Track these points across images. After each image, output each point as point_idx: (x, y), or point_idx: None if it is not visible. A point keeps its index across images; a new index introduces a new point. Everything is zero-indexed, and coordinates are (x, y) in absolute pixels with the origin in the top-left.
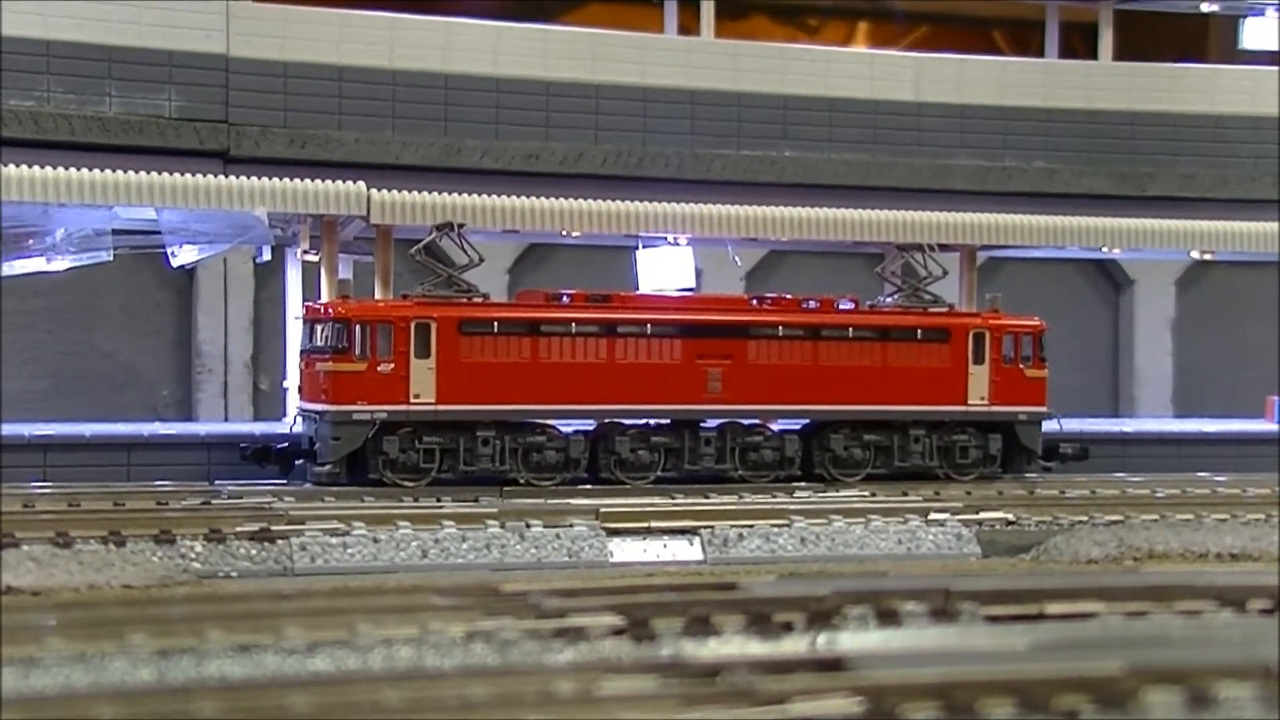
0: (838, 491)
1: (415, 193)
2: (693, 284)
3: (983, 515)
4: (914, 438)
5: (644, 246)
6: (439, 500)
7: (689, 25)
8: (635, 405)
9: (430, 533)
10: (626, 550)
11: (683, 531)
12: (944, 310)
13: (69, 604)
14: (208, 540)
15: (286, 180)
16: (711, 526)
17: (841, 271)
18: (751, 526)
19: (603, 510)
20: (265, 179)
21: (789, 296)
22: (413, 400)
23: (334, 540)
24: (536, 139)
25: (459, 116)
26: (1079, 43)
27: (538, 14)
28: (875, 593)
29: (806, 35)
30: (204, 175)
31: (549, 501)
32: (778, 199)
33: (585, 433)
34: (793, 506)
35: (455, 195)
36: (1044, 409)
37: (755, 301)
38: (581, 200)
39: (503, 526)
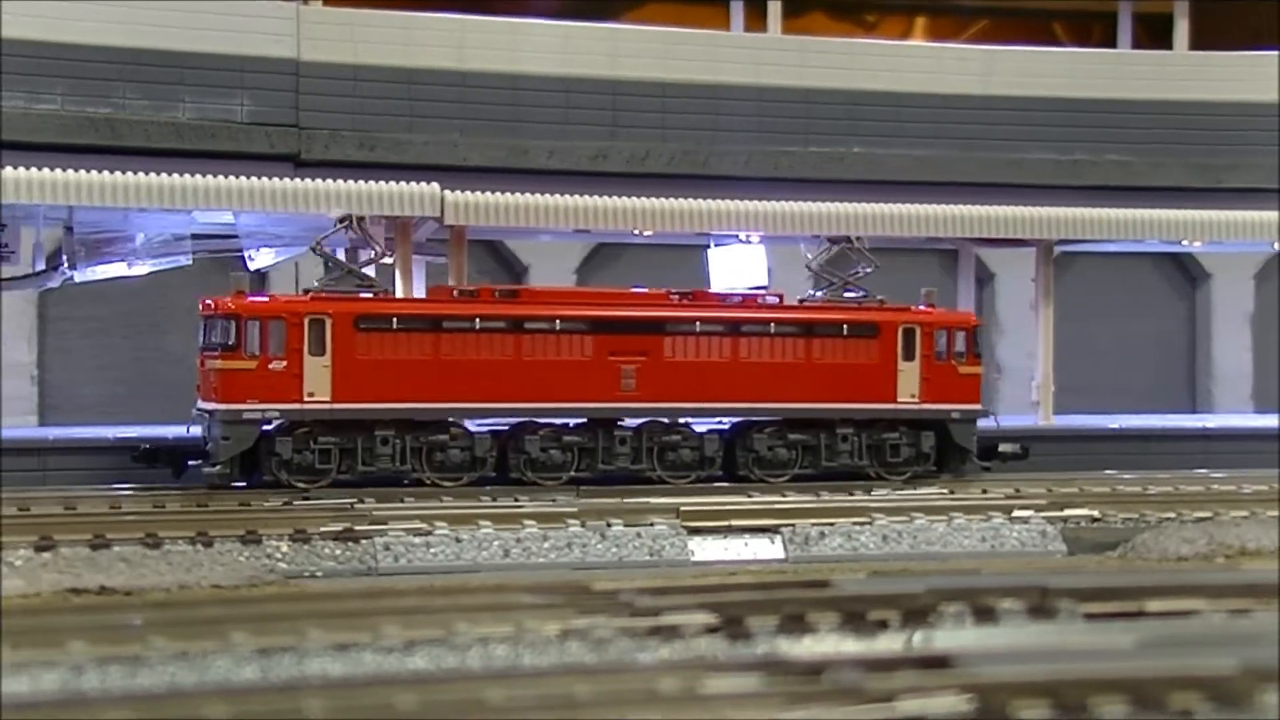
0: (915, 489)
1: (488, 193)
2: (765, 282)
3: (1067, 512)
4: (842, 436)
5: (715, 245)
6: (517, 500)
7: (752, 22)
8: (544, 404)
9: (512, 532)
10: (707, 549)
11: (763, 530)
12: (872, 305)
13: (164, 603)
14: (293, 540)
15: (362, 182)
16: (792, 525)
17: (911, 268)
18: (832, 524)
19: (683, 509)
20: (341, 181)
21: (708, 291)
22: (307, 399)
23: (417, 540)
24: (603, 139)
25: (526, 117)
26: (1143, 33)
27: (601, 13)
28: (971, 590)
29: (864, 31)
30: (279, 179)
31: (629, 500)
32: (845, 195)
33: (495, 431)
34: (874, 504)
35: (527, 195)
36: (977, 407)
37: (676, 296)
38: (651, 199)
39: (583, 525)
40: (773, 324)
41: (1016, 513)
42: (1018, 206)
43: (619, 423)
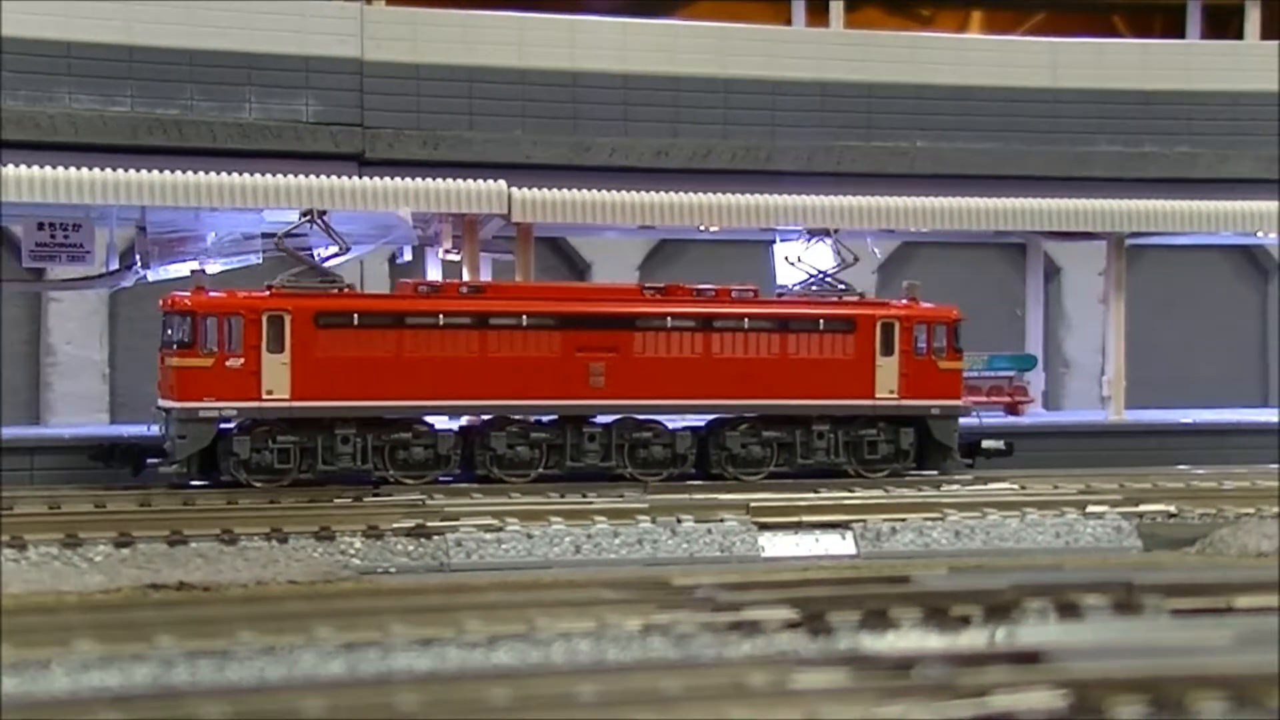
0: (986, 485)
1: (555, 190)
2: None
3: (1143, 508)
4: (818, 434)
5: (781, 240)
6: (585, 495)
7: (811, 17)
8: (510, 401)
9: (583, 528)
10: (778, 545)
11: (834, 525)
12: (850, 300)
13: (242, 599)
14: (366, 537)
15: (429, 180)
16: (863, 520)
17: (976, 263)
18: (904, 520)
19: (753, 505)
20: (409, 179)
21: (684, 285)
22: (265, 397)
23: (488, 536)
24: (665, 135)
25: (587, 114)
26: (1205, 24)
27: (660, 9)
28: (1054, 586)
29: (919, 25)
30: (347, 177)
31: (699, 496)
32: (909, 190)
33: (463, 428)
34: (945, 500)
35: (593, 191)
36: (959, 403)
37: (648, 291)
38: (721, 194)
39: (654, 522)
40: (746, 319)
41: (1091, 508)
42: (1088, 199)
43: (589, 419)
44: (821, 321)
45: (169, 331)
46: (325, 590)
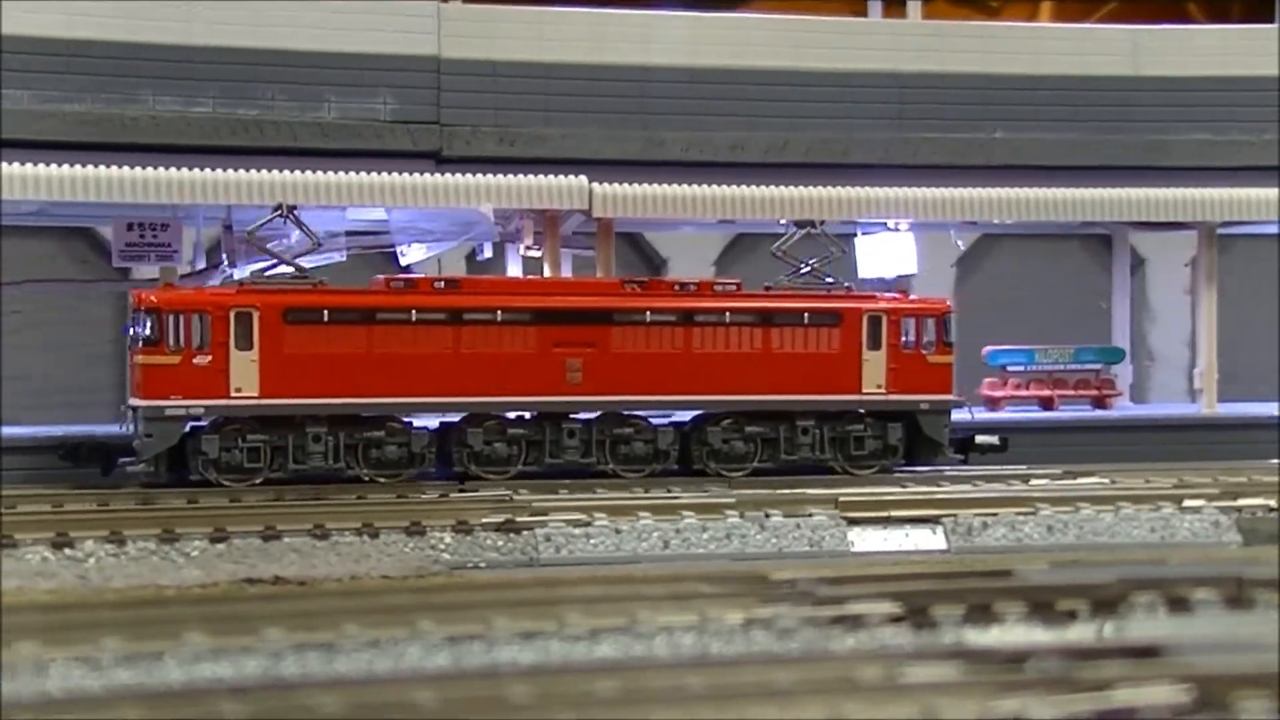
0: (1075, 479)
1: (636, 185)
2: (914, 270)
3: (1241, 502)
4: (802, 429)
5: (862, 233)
6: (669, 490)
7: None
8: (484, 397)
9: (671, 523)
10: (867, 539)
11: (924, 520)
12: (836, 292)
13: (339, 593)
14: (455, 532)
15: (511, 176)
16: (954, 515)
17: (1057, 255)
18: (995, 515)
19: (842, 499)
20: (491, 175)
21: (666, 280)
22: (233, 394)
23: (577, 531)
24: (739, 129)
25: (661, 109)
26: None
27: (732, 3)
28: (1162, 580)
29: (986, 16)
30: (429, 175)
31: (786, 491)
32: (986, 181)
33: (441, 424)
34: (1037, 494)
35: (675, 186)
36: (949, 397)
37: (627, 285)
38: (807, 187)
39: (742, 516)
40: (728, 313)
41: (1187, 503)
42: (1177, 188)
43: (570, 415)
44: (805, 315)
45: (136, 329)
46: (419, 585)
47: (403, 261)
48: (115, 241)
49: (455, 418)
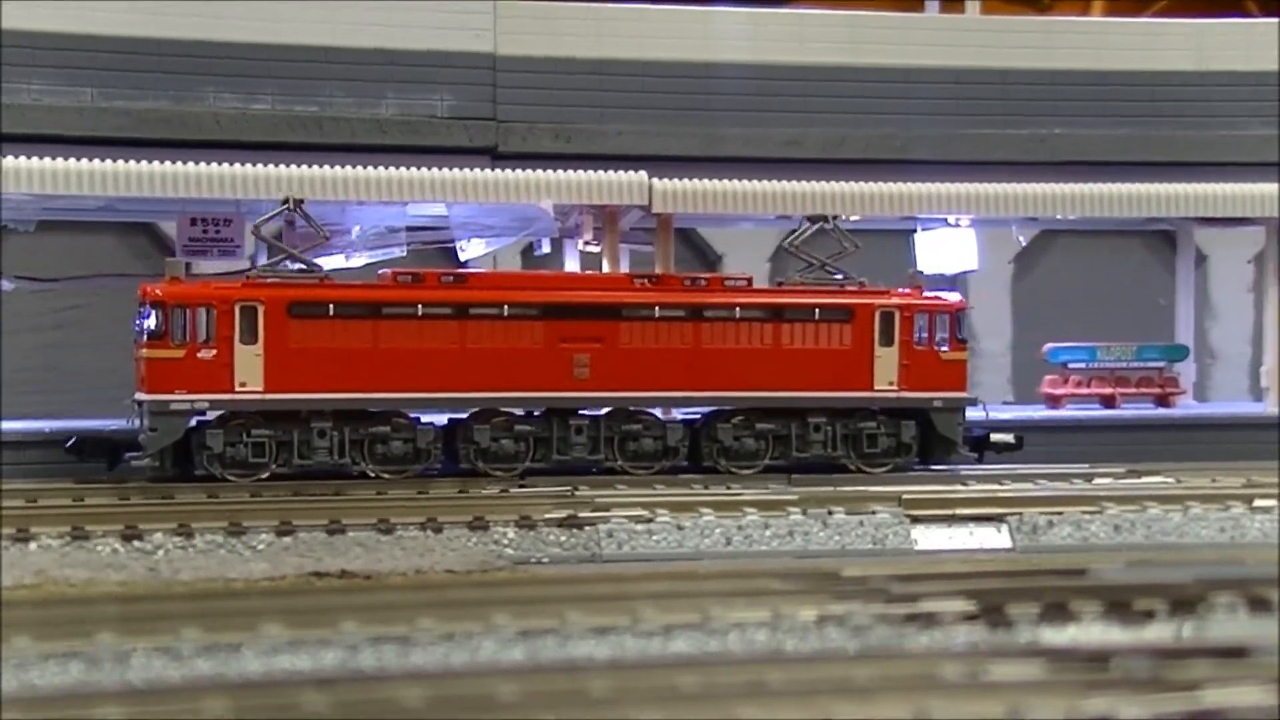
0: (1139, 478)
1: (696, 180)
2: (975, 266)
3: None
4: (814, 426)
5: (923, 229)
6: (729, 487)
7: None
8: (491, 393)
9: (733, 519)
10: (931, 537)
11: (988, 519)
12: (849, 288)
13: (406, 587)
14: (518, 527)
15: (570, 172)
16: (1019, 513)
17: (1118, 251)
18: (1061, 514)
19: (905, 497)
20: (551, 171)
21: (676, 275)
22: (238, 389)
23: (639, 527)
24: (796, 125)
25: (718, 105)
26: None
27: None
28: (1242, 580)
29: (1038, 13)
30: (490, 170)
31: (848, 489)
32: (1046, 177)
33: (450, 420)
34: (1103, 493)
35: (735, 181)
36: (963, 395)
37: (636, 280)
38: (869, 183)
39: (804, 514)
40: (738, 308)
41: (1258, 502)
42: (1243, 184)
43: (578, 411)
44: (817, 311)
45: (142, 322)
46: (484, 579)
47: (462, 257)
48: (179, 236)
49: (463, 414)
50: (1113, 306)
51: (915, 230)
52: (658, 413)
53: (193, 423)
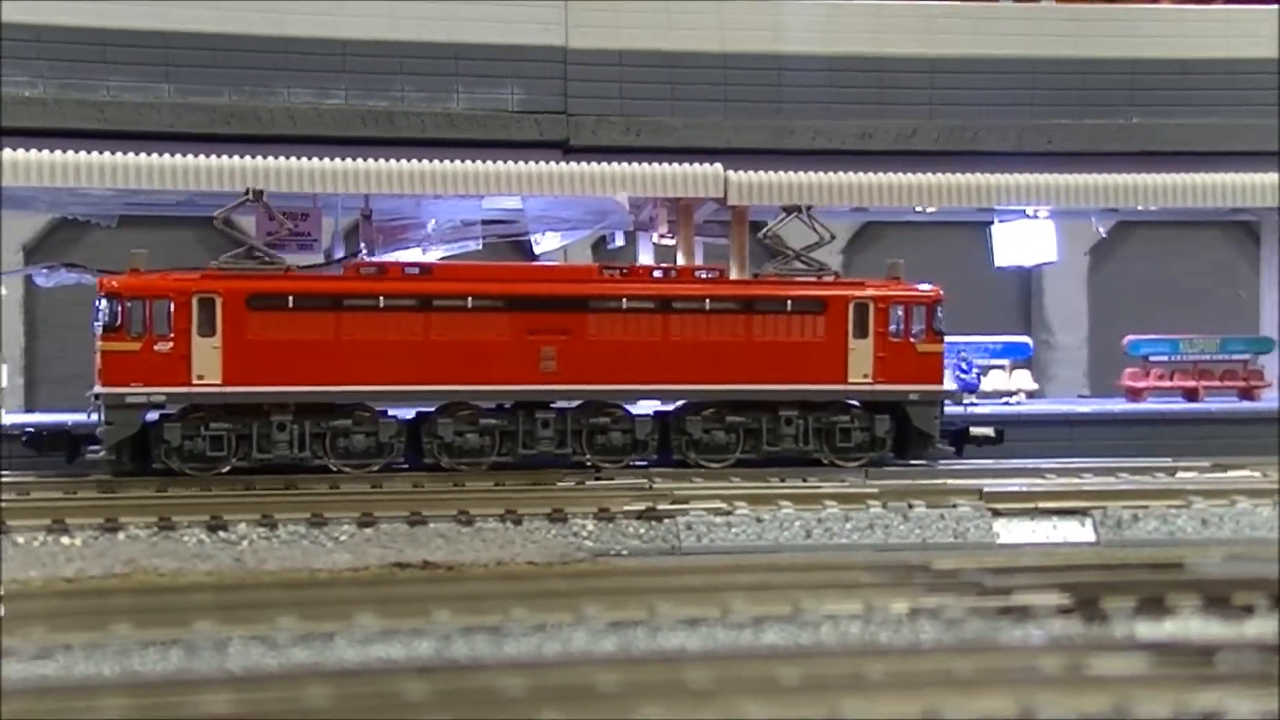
0: (1224, 472)
1: (770, 173)
2: (1054, 258)
3: None
4: (786, 419)
5: (1000, 221)
6: (806, 479)
7: None
8: (455, 386)
9: (813, 513)
10: (1013, 531)
11: (1072, 512)
12: (823, 279)
13: (487, 577)
14: (597, 519)
15: (646, 164)
16: (1103, 507)
17: (1194, 243)
18: (1146, 507)
19: (987, 490)
20: (626, 164)
21: (645, 266)
22: (195, 382)
23: (718, 520)
24: (869, 117)
25: (790, 97)
26: None
27: None
28: None
29: (1114, 2)
30: (566, 163)
31: (927, 482)
32: (1123, 167)
33: (419, 414)
34: (1189, 487)
35: (810, 174)
36: (940, 387)
37: (606, 272)
38: (933, 174)
39: (884, 507)
40: (708, 300)
41: None
42: None
43: (549, 404)
44: (789, 302)
45: (99, 315)
46: (564, 571)
47: (536, 250)
48: (257, 230)
49: (430, 407)
50: (1191, 299)
51: (992, 222)
52: (628, 406)
53: (154, 416)
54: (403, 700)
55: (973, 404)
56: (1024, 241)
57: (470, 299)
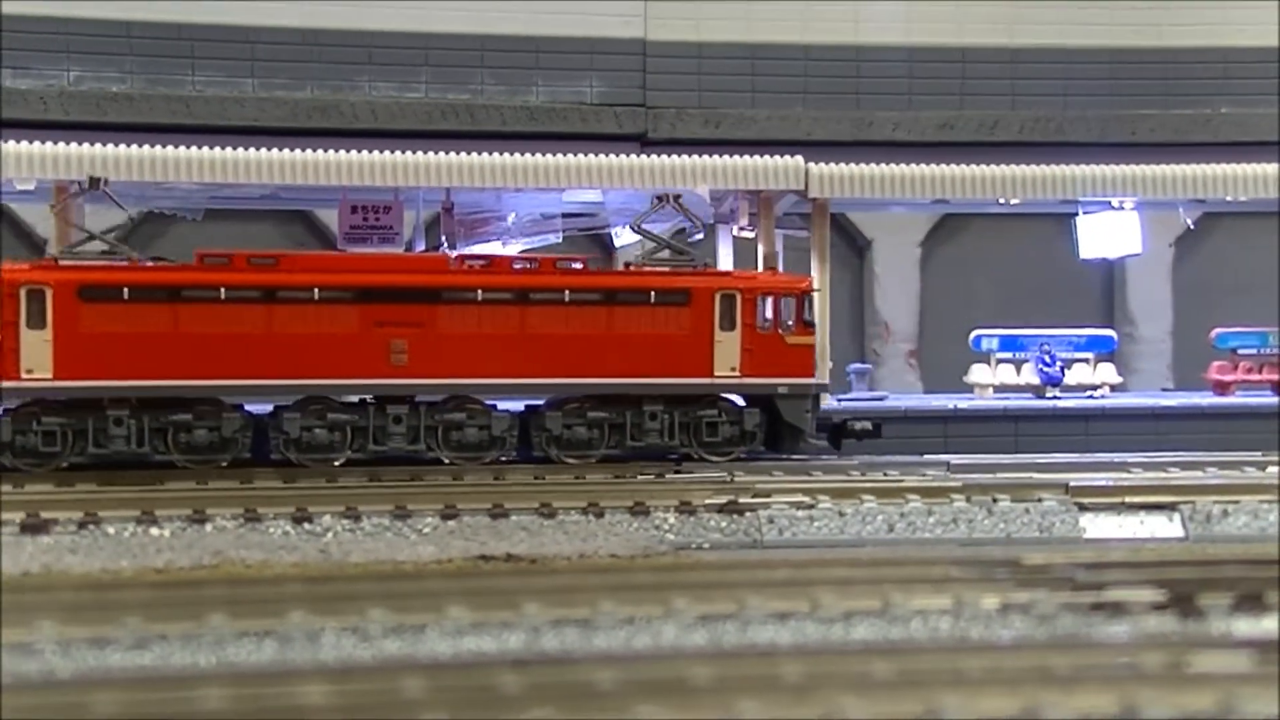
0: None
1: (852, 165)
2: (1139, 250)
3: None
4: (650, 414)
5: (1084, 213)
6: (886, 474)
7: None
8: (300, 380)
9: (895, 507)
10: (1100, 526)
11: (1160, 507)
12: (686, 269)
13: (571, 570)
14: (679, 512)
15: (725, 157)
16: (1192, 502)
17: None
18: (1237, 502)
19: (1073, 485)
20: (705, 156)
21: (505, 257)
22: (24, 376)
23: (800, 514)
24: (951, 108)
25: (870, 89)
26: None
27: None
28: None
29: None
30: (646, 156)
31: (1012, 475)
32: (1209, 158)
33: (253, 410)
34: None
35: (891, 165)
36: (810, 380)
37: (467, 263)
38: (1017, 166)
39: (968, 501)
40: (567, 291)
41: None
42: None
43: (398, 399)
44: (652, 294)
45: None
46: (647, 564)
47: (616, 243)
48: (340, 224)
49: (287, 402)
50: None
51: (1076, 214)
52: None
53: None
54: (499, 694)
55: (1056, 397)
56: (1108, 233)
57: (317, 290)
